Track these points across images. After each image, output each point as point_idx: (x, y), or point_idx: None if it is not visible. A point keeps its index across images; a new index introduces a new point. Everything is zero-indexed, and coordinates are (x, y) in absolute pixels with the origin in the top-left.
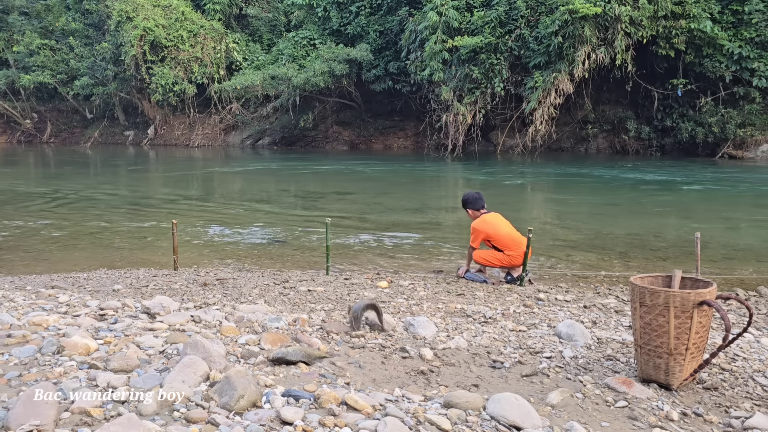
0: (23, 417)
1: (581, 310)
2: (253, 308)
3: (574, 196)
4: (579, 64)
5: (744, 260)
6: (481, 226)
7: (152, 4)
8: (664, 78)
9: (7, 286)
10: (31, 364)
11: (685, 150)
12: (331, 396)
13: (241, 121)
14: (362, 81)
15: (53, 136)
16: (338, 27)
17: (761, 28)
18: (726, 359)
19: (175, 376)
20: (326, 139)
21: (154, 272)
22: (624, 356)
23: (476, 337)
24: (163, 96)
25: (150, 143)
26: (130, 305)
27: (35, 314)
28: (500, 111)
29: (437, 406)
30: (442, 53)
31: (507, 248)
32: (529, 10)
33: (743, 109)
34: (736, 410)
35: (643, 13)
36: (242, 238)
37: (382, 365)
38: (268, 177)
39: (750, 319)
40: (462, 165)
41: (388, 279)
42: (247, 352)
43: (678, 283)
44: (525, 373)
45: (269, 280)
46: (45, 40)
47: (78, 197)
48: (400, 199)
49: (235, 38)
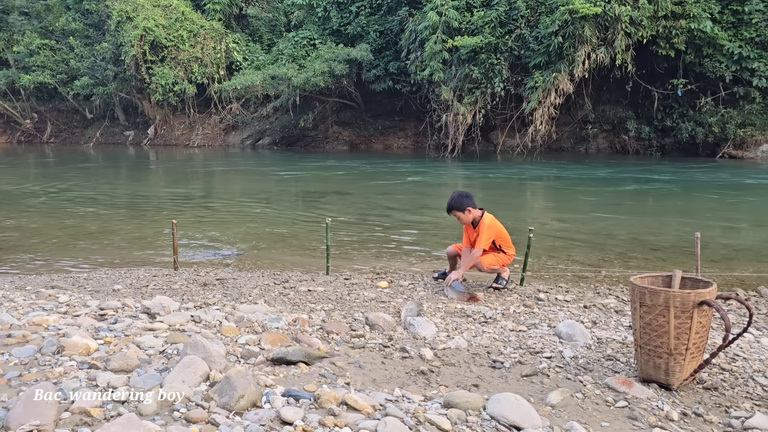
0: (23, 417)
1: (581, 310)
2: (253, 308)
3: (574, 196)
4: (579, 64)
5: (744, 260)
6: (495, 224)
7: (152, 4)
8: (664, 78)
9: (7, 286)
10: (31, 364)
11: (685, 150)
12: (331, 396)
13: (241, 121)
14: (362, 81)
15: (53, 136)
16: (338, 27)
17: (761, 28)
18: (726, 359)
19: (175, 376)
20: (326, 139)
21: (154, 272)
22: (624, 356)
23: (476, 337)
24: (163, 96)
25: (150, 143)
26: (130, 305)
27: (35, 314)
28: (500, 111)
29: (437, 406)
30: (442, 53)
31: (507, 246)
32: (529, 10)
33: (743, 109)
34: (736, 410)
35: (643, 13)
36: (242, 239)
37: (382, 365)
38: (269, 177)
39: (750, 319)
40: (462, 165)
41: (388, 279)
42: (247, 352)
43: (678, 283)
44: (525, 373)
45: (269, 280)
46: (45, 40)
47: (78, 197)
48: (400, 199)
49: (235, 38)
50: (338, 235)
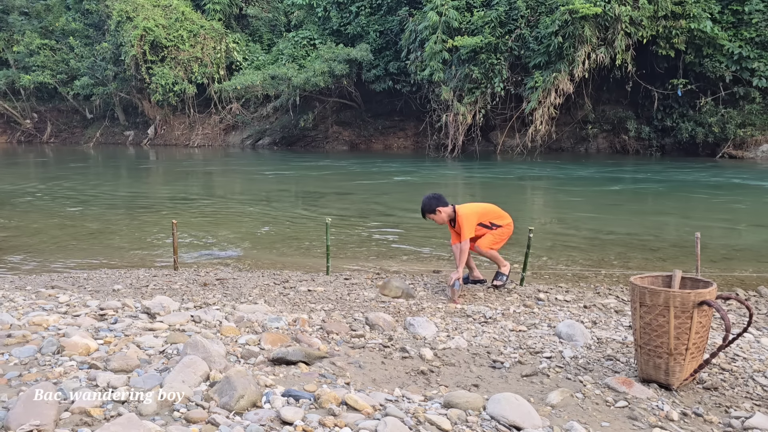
0: (23, 417)
1: (581, 310)
2: (253, 308)
3: (574, 196)
4: (579, 64)
5: (744, 260)
6: (468, 210)
7: (152, 4)
8: (664, 78)
9: (7, 286)
10: (31, 364)
11: (685, 150)
12: (331, 396)
13: (241, 121)
14: (362, 81)
15: (53, 136)
16: (338, 27)
17: (761, 28)
18: (726, 359)
19: (175, 376)
20: (326, 139)
21: (154, 272)
22: (624, 356)
23: (476, 337)
24: (163, 96)
25: (150, 143)
26: (130, 305)
27: (35, 314)
28: (500, 111)
29: (437, 406)
30: (442, 53)
31: (499, 217)
32: (529, 10)
33: (743, 109)
34: (736, 410)
35: (643, 13)
36: (241, 238)
37: (382, 365)
38: (269, 177)
39: (750, 319)
40: (462, 165)
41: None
42: (247, 352)
43: (678, 283)
44: (525, 373)
45: (269, 280)
46: (45, 40)
47: (78, 197)
48: (400, 199)
49: (235, 38)
50: (338, 235)
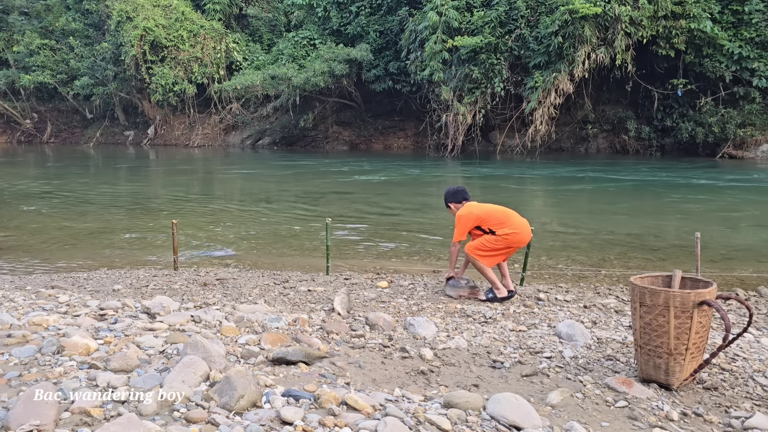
0: (23, 417)
1: (581, 310)
2: (253, 308)
3: (574, 195)
4: (579, 64)
5: (744, 260)
6: (467, 211)
7: (152, 4)
8: (664, 78)
9: (7, 286)
10: (31, 364)
11: (685, 150)
12: (331, 396)
13: (241, 121)
14: (362, 81)
15: (53, 136)
16: (338, 27)
17: (761, 28)
18: (726, 359)
19: (175, 376)
20: (326, 139)
21: (154, 272)
22: (624, 356)
23: (476, 337)
24: (163, 96)
25: (150, 143)
26: (130, 305)
27: (35, 314)
28: (500, 111)
29: (437, 406)
30: (442, 53)
31: (500, 224)
32: (529, 10)
33: (743, 109)
34: (736, 410)
35: (643, 13)
36: (241, 238)
37: (382, 365)
38: (269, 177)
39: (750, 319)
40: (462, 165)
41: (388, 279)
42: (247, 352)
43: (678, 283)
44: (525, 373)
45: (269, 280)
46: (45, 40)
47: (78, 197)
48: (400, 199)
49: (235, 38)
50: (338, 235)
